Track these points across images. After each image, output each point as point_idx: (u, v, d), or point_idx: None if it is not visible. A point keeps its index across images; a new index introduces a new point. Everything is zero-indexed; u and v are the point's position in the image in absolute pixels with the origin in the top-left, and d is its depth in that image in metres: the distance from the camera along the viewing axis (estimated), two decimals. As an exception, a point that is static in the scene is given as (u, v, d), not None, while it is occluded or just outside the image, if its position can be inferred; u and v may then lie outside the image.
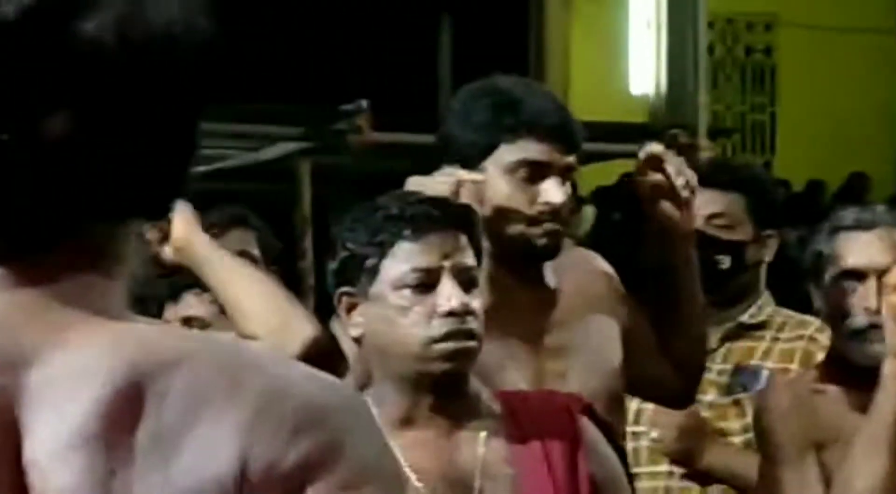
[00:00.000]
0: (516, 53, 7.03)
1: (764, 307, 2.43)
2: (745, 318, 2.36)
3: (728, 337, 2.33)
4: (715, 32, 7.89)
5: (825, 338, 2.37)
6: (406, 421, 1.56)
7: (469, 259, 1.57)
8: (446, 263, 1.54)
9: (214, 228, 2.28)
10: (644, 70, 7.53)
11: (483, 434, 1.57)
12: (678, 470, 2.43)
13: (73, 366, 0.56)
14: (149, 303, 2.08)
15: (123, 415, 0.55)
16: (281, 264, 2.96)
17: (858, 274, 1.87)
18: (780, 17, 7.93)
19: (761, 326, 2.47)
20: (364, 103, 5.10)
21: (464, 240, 1.57)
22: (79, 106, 0.56)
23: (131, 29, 0.57)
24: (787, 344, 2.51)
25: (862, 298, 1.86)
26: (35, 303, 0.57)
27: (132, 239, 0.63)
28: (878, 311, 1.84)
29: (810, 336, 2.50)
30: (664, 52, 7.30)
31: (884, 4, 8.36)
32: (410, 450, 1.51)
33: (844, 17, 7.91)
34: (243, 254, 2.22)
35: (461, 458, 1.55)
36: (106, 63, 0.56)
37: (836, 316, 1.89)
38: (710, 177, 2.25)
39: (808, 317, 2.52)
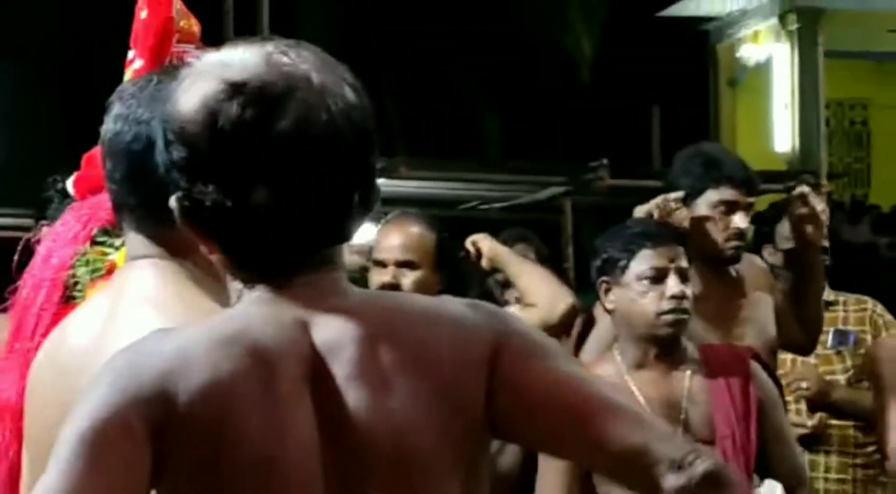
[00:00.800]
0: (701, 127, 9.64)
1: (828, 291, 2.90)
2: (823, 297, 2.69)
3: None
4: (830, 110, 10.30)
5: (880, 309, 3.03)
6: (639, 365, 1.99)
7: (685, 262, 2.01)
8: (672, 265, 1.98)
9: (508, 243, 2.83)
10: (784, 136, 9.68)
11: (688, 373, 1.99)
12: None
13: (337, 327, 0.82)
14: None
15: (371, 351, 0.80)
16: (550, 266, 3.17)
17: None
18: (873, 100, 10.76)
19: (833, 303, 2.96)
20: (605, 161, 6.08)
21: (681, 250, 2.04)
22: (276, 179, 0.78)
23: (307, 127, 0.78)
24: (856, 313, 3.02)
25: None
26: (312, 292, 0.83)
27: (344, 252, 0.89)
28: None
29: (871, 308, 3.04)
30: (797, 124, 9.51)
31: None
32: (641, 384, 1.93)
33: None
34: (526, 258, 2.81)
35: (674, 389, 1.98)
36: (290, 151, 0.77)
37: None
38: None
39: (860, 295, 3.10)
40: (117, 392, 0.82)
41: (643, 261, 1.98)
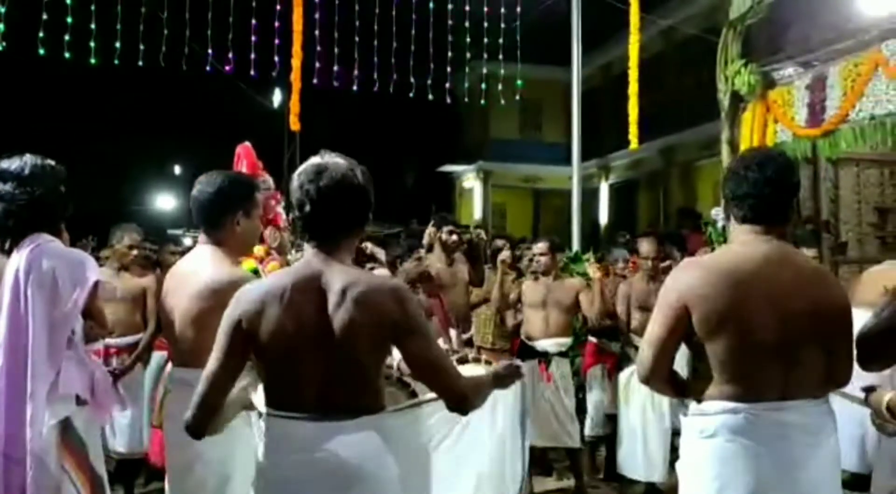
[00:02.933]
0: (448, 210, 27.90)
1: None
2: None
3: None
4: (495, 207, 29.16)
5: None
6: None
7: None
8: None
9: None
10: (477, 215, 28.30)
11: None
12: None
13: (334, 278, 2.28)
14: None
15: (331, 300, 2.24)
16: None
17: None
18: (507, 205, 29.19)
19: None
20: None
21: None
22: (312, 205, 2.32)
23: (323, 185, 2.32)
24: None
25: None
26: (326, 258, 2.33)
27: (353, 242, 2.43)
28: None
29: None
30: (482, 212, 28.23)
31: None
32: None
33: None
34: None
35: None
36: (313, 198, 2.31)
37: None
38: None
39: None
40: (234, 307, 2.30)
41: None
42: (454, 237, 6.24)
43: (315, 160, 2.37)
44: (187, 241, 15.25)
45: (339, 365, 2.26)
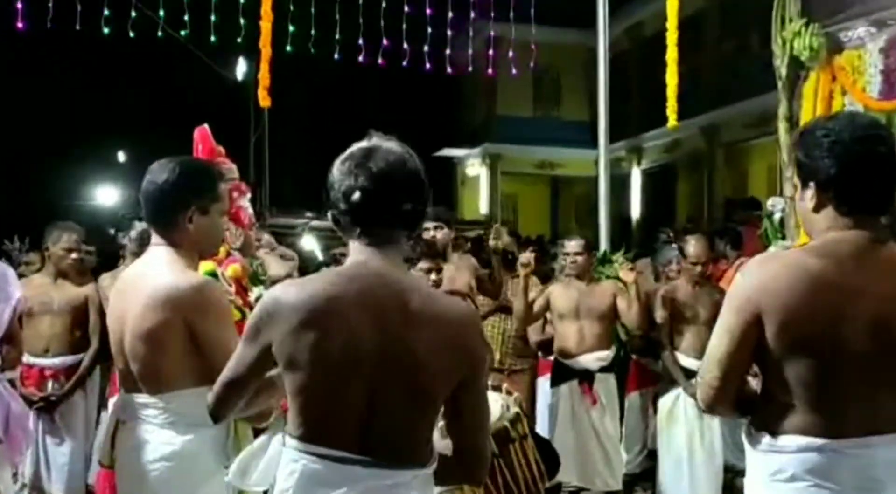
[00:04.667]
0: (448, 202, 27.70)
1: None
2: None
3: None
4: (503, 197, 28.75)
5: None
6: None
7: None
8: None
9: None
10: (483, 206, 28.14)
11: None
12: None
13: (403, 287, 2.26)
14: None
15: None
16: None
17: None
18: (521, 194, 28.80)
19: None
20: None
21: None
22: (364, 193, 2.25)
23: (377, 168, 2.26)
24: None
25: None
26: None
27: (406, 243, 2.34)
28: None
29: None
30: (488, 202, 27.77)
31: None
32: None
33: None
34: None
35: None
36: (364, 185, 2.26)
37: None
38: None
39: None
40: (261, 319, 2.30)
41: None
42: (441, 234, 6.04)
43: (361, 144, 2.33)
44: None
45: (399, 396, 2.21)
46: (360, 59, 9.39)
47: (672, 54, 9.56)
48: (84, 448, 6.13)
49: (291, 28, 9.04)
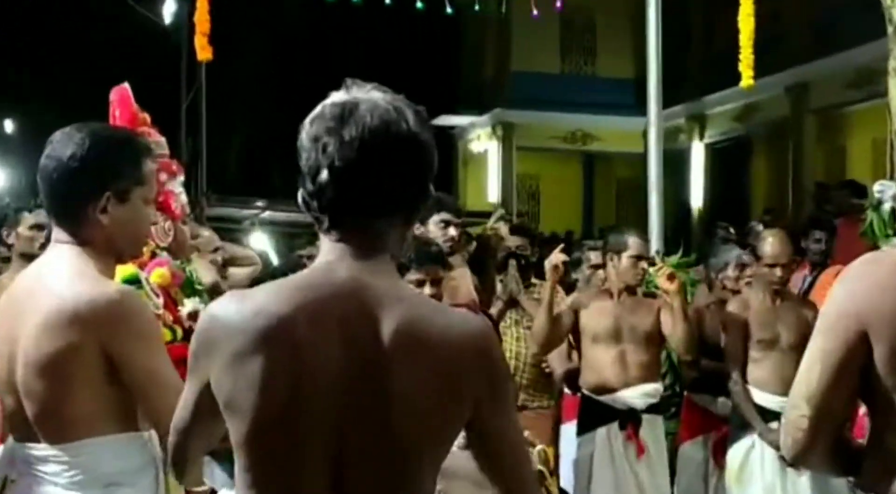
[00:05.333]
0: (448, 187, 27.54)
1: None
2: None
3: None
4: (518, 179, 27.87)
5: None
6: None
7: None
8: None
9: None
10: (493, 192, 26.66)
11: None
12: None
13: (380, 301, 2.12)
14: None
15: None
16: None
17: None
18: (541, 175, 28.58)
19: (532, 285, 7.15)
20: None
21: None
22: (334, 172, 2.10)
23: (352, 136, 2.09)
24: None
25: None
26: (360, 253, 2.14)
27: (403, 234, 2.23)
28: None
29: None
30: (500, 186, 26.77)
31: None
32: None
33: None
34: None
35: None
36: (335, 160, 2.10)
37: None
38: None
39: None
40: (199, 352, 2.19)
41: None
42: (451, 232, 5.78)
43: (337, 96, 2.17)
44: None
45: (376, 450, 2.09)
46: (331, -5, 9.34)
47: (746, -9, 9.54)
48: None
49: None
